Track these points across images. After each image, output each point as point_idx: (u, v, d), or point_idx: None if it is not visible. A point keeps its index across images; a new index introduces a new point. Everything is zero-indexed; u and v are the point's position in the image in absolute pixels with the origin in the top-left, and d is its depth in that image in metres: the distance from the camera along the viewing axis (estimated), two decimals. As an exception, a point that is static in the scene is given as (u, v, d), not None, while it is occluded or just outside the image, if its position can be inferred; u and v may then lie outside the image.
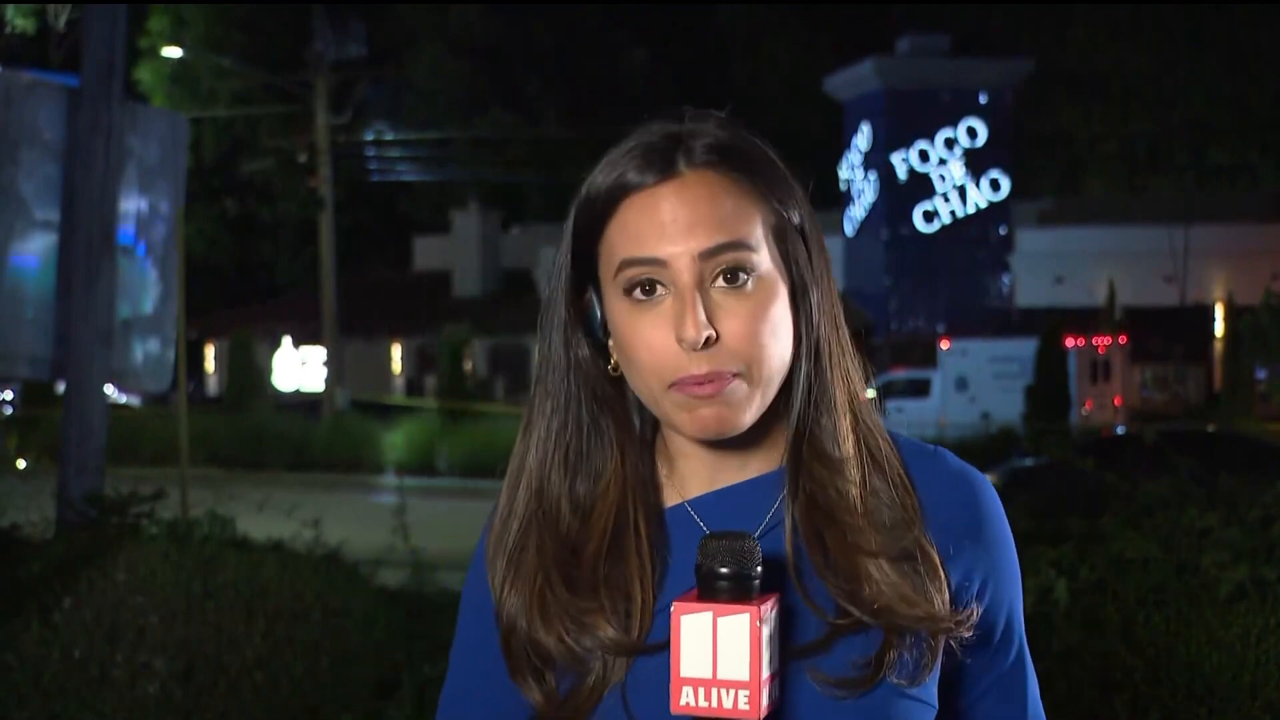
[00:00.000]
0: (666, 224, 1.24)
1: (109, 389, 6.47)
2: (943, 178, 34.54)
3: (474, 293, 40.64)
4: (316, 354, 31.85)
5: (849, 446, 1.29)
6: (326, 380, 28.89)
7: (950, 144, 34.52)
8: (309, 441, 24.76)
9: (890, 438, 1.35)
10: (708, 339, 1.21)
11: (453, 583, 7.17)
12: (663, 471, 1.31)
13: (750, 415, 1.24)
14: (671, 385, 1.23)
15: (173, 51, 27.78)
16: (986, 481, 1.38)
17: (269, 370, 32.74)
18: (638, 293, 1.25)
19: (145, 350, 6.63)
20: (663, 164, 1.28)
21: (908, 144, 34.60)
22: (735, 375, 1.22)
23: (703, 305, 1.22)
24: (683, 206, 1.25)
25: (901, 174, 34.65)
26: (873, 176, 35.09)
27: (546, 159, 41.02)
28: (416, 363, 39.74)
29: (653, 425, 1.32)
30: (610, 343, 1.29)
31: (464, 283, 41.10)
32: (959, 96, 34.46)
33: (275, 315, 36.59)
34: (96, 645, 4.73)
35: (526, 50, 42.85)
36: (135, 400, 27.90)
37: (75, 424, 6.20)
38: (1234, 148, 31.93)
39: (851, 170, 36.07)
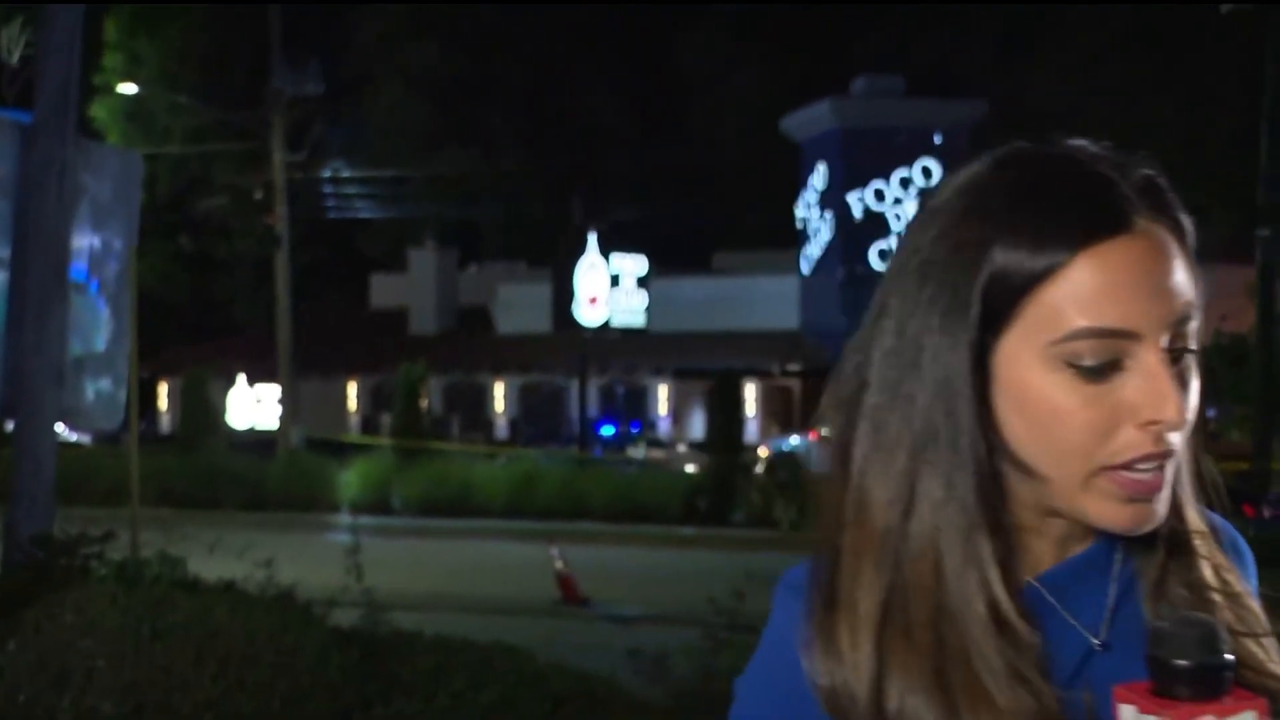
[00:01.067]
0: (1138, 289, 1.07)
1: (59, 427, 6.39)
2: (898, 217, 34.79)
3: (430, 330, 40.55)
4: (271, 392, 31.62)
5: (1195, 515, 1.14)
6: (281, 418, 28.65)
7: (906, 184, 34.84)
8: (263, 480, 24.53)
9: None
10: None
11: (407, 622, 7.11)
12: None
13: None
14: (1102, 471, 1.06)
15: (128, 88, 27.64)
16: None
17: (223, 408, 32.47)
18: (1085, 362, 1.06)
19: (97, 388, 6.56)
20: (1117, 212, 1.09)
21: (864, 183, 34.89)
22: (1169, 456, 1.07)
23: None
24: (1154, 268, 1.09)
25: (857, 213, 34.89)
26: (829, 215, 35.30)
27: (504, 196, 41.01)
28: (372, 401, 39.48)
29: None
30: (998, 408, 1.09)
31: (420, 320, 40.96)
32: (914, 137, 34.79)
33: (231, 353, 36.34)
34: (42, 689, 4.65)
35: (485, 88, 42.92)
36: (86, 439, 27.55)
37: (25, 462, 6.11)
38: (1188, 189, 32.41)
39: (808, 209, 36.31)
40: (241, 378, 35.65)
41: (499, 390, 38.98)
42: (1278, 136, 21.03)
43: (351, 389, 40.09)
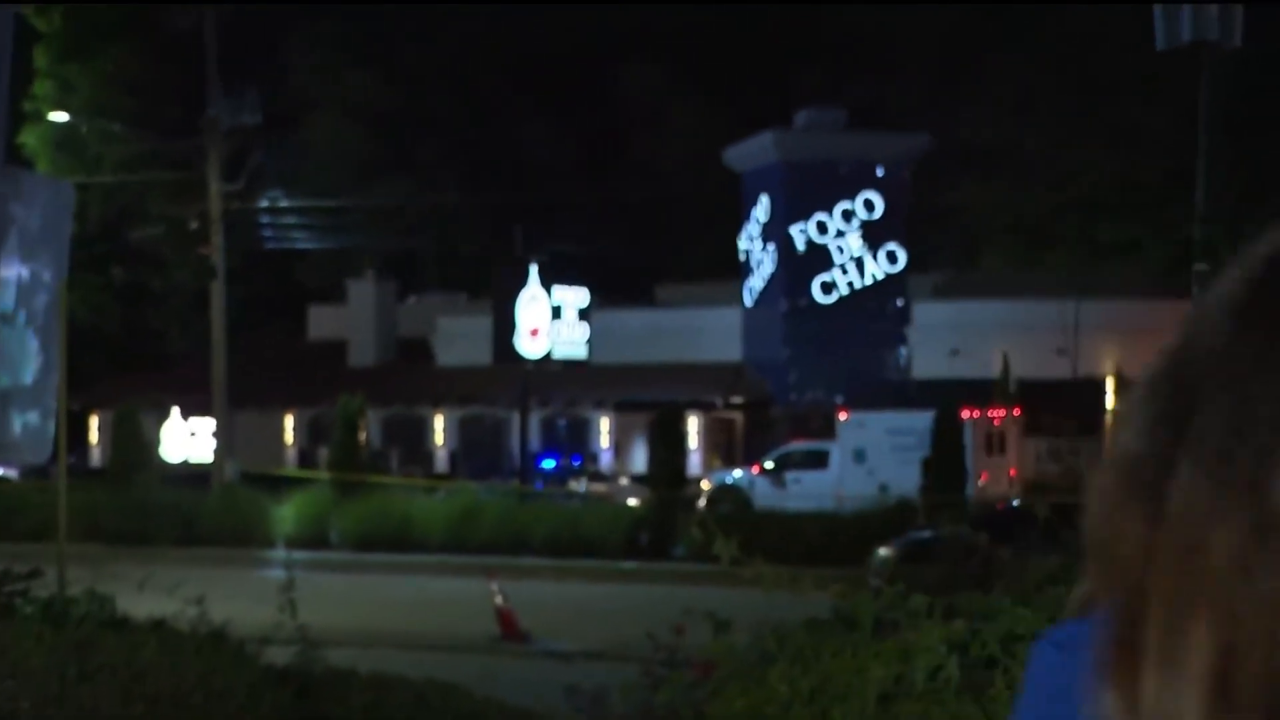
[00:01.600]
0: None
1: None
2: (840, 249, 35.07)
3: (369, 362, 40.37)
4: (206, 425, 31.26)
5: None
6: (216, 452, 28.33)
7: (848, 216, 35.11)
8: (197, 515, 24.23)
9: None
10: None
11: (342, 660, 7.03)
12: None
13: None
14: None
15: (59, 116, 27.32)
16: None
17: (156, 442, 32.07)
18: None
19: (25, 422, 6.46)
20: None
21: (806, 216, 35.11)
22: None
23: None
24: None
25: (800, 245, 35.11)
26: (771, 248, 35.50)
27: (444, 227, 40.91)
28: (310, 434, 39.12)
29: None
30: None
31: (359, 352, 40.72)
32: (856, 170, 35.09)
33: (165, 385, 35.89)
34: (-36, 732, 4.56)
35: (424, 118, 42.87)
36: (13, 473, 27.09)
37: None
38: (1123, 224, 32.80)
39: (750, 241, 36.49)
40: (176, 411, 35.24)
41: (439, 423, 38.79)
42: (1213, 174, 21.40)
43: (289, 422, 39.74)
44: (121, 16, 27.36)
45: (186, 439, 35.32)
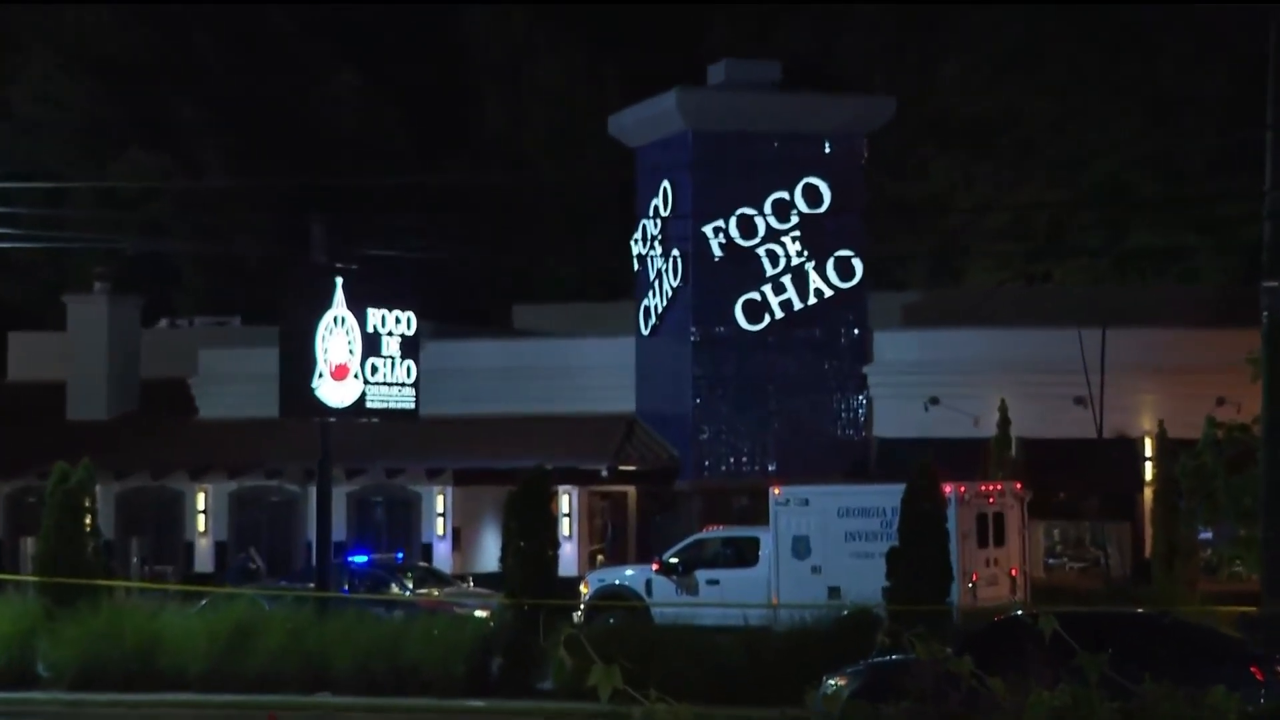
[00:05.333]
0: None
1: None
2: (773, 257, 35.19)
3: (99, 414, 39.85)
4: None
5: None
6: None
7: (784, 210, 35.21)
8: None
9: None
10: None
11: None
12: None
13: None
14: None
15: None
16: None
17: None
18: None
19: None
20: None
21: (725, 209, 35.08)
22: None
23: None
24: None
25: (716, 250, 35.12)
26: (676, 254, 35.50)
27: (211, 222, 40.36)
28: (9, 517, 38.35)
29: None
30: None
31: (84, 400, 40.11)
32: (795, 145, 35.15)
33: None
34: None
35: (179, 68, 42.28)
36: None
37: None
38: (1161, 224, 33.29)
39: (647, 245, 36.51)
40: None
41: (201, 501, 38.36)
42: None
43: (-21, 502, 39.15)
44: None
45: None
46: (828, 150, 35.28)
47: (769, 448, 34.85)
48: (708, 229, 35.07)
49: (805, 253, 35.04)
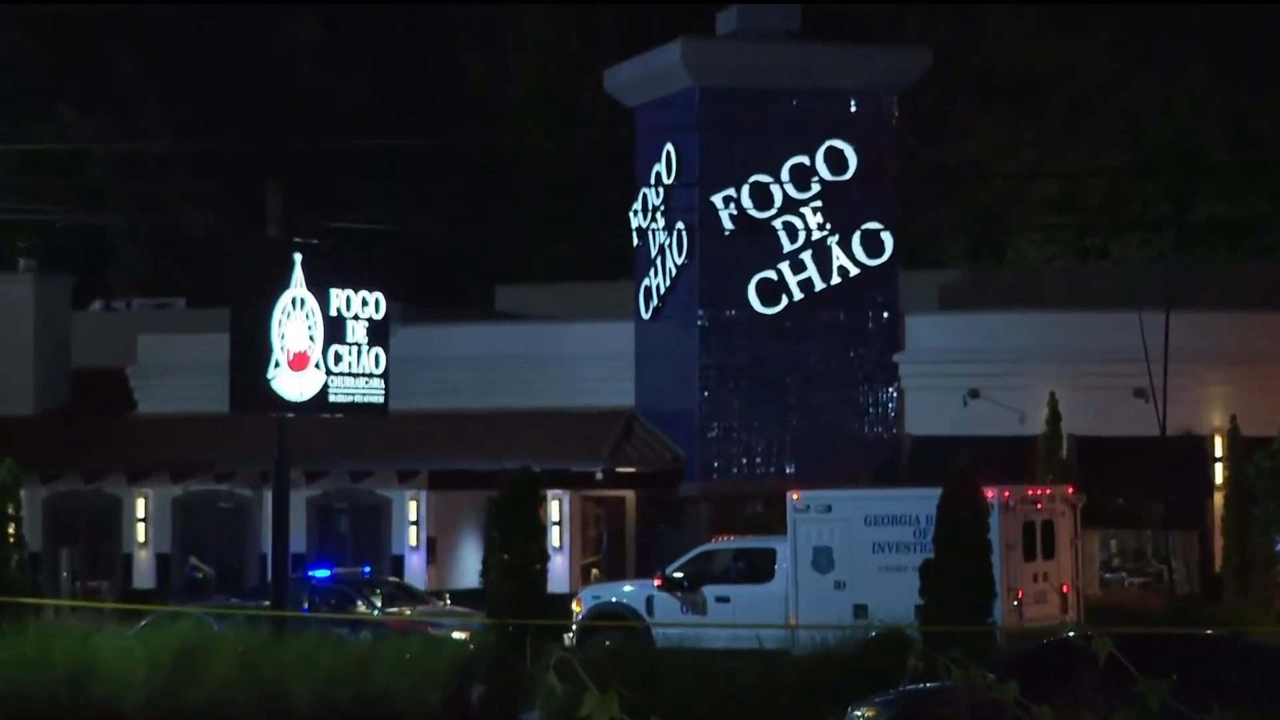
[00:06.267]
0: None
1: None
2: (792, 229, 35.08)
3: (24, 409, 39.91)
4: None
5: None
6: None
7: (803, 176, 35.11)
8: None
9: None
10: None
11: None
12: None
13: None
14: None
15: None
16: None
17: None
18: None
19: None
20: None
21: (736, 176, 35.02)
22: None
23: None
24: None
25: (726, 223, 35.11)
26: (681, 227, 35.45)
27: (151, 190, 40.35)
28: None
29: None
30: None
31: (7, 393, 39.95)
32: (817, 103, 35.08)
33: None
34: None
35: (118, 14, 42.28)
36: None
37: None
38: (1233, 195, 33.25)
39: (648, 216, 36.40)
40: None
41: (140, 507, 38.46)
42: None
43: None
44: None
45: None
46: (854, 109, 35.26)
47: (786, 447, 34.74)
48: (717, 198, 34.96)
49: (828, 225, 34.98)
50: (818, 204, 35.07)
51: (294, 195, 30.57)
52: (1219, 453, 32.46)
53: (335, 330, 28.81)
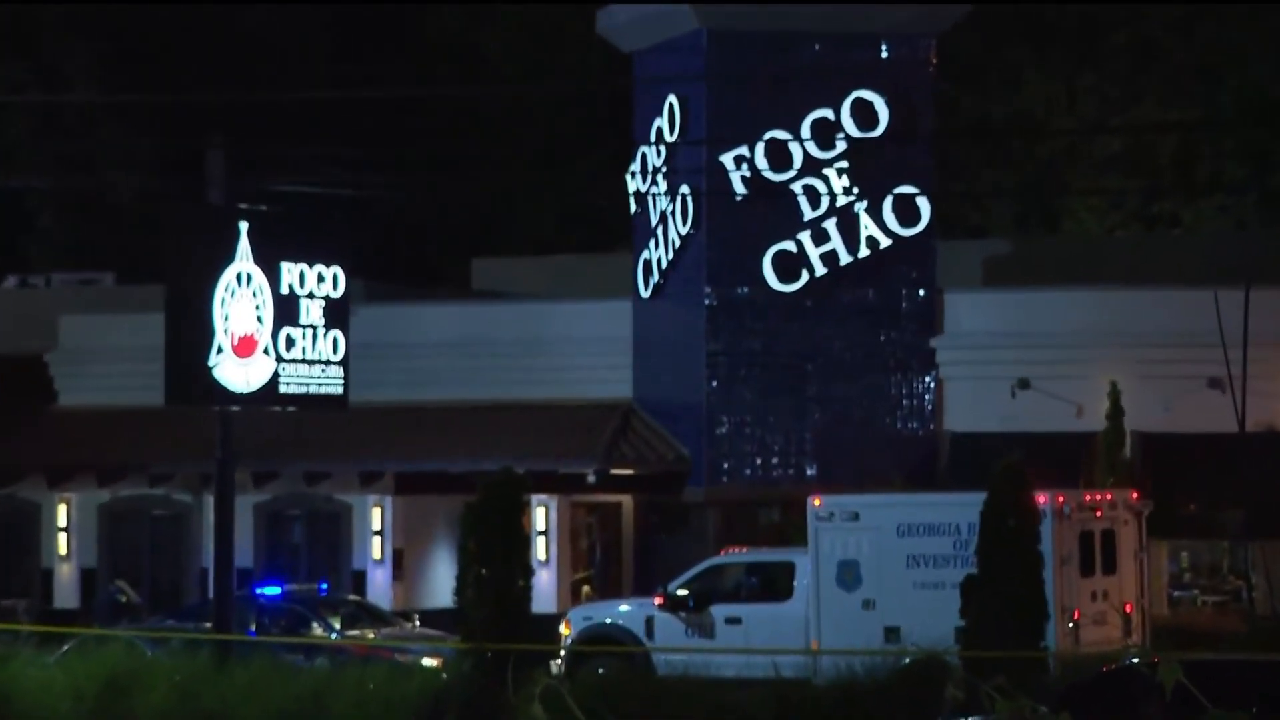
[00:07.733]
0: None
1: None
2: (814, 194, 35.15)
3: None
4: None
5: None
6: None
7: (827, 133, 35.20)
8: None
9: None
10: None
11: None
12: None
13: None
14: None
15: None
16: None
17: None
18: None
19: None
20: None
21: (750, 133, 35.10)
22: None
23: None
24: None
25: (738, 186, 35.12)
26: (685, 191, 35.56)
27: (76, 149, 40.43)
28: None
29: None
30: None
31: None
32: (843, 48, 35.18)
33: None
34: None
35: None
36: None
37: None
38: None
39: (647, 178, 36.48)
40: None
41: (61, 515, 38.48)
42: None
43: None
44: None
45: None
46: (885, 56, 35.40)
47: (806, 445, 34.88)
48: (727, 158, 35.11)
49: (855, 190, 35.04)
50: (843, 165, 35.07)
51: (238, 155, 30.70)
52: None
53: (287, 310, 28.90)
